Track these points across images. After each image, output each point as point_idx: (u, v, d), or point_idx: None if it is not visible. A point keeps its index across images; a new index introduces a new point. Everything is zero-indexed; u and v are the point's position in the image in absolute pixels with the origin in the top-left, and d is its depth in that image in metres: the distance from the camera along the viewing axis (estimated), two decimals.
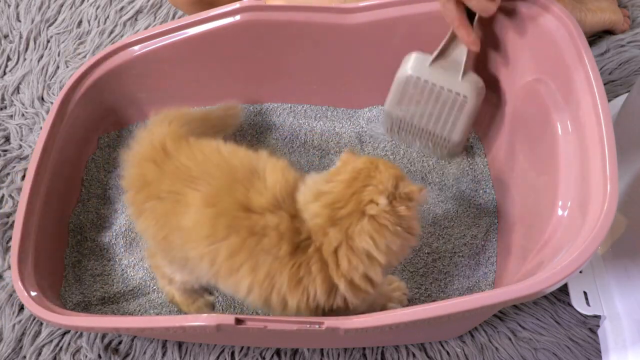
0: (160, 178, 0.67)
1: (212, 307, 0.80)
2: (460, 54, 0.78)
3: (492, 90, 0.87)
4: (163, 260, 0.75)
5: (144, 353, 0.80)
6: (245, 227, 0.60)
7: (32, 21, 1.18)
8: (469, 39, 0.74)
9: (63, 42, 1.15)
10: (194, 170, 0.65)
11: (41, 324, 0.83)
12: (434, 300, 0.78)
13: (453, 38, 0.78)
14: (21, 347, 0.81)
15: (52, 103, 1.01)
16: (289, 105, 0.98)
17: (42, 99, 1.07)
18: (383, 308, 0.73)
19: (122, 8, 1.19)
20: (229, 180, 0.63)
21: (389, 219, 0.60)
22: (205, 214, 0.62)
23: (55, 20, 1.18)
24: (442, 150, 0.87)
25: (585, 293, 0.79)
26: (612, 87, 1.01)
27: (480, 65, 0.85)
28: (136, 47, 0.87)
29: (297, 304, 0.61)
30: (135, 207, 0.69)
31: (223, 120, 0.88)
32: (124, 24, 1.16)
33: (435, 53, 0.79)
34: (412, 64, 0.81)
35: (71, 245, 0.85)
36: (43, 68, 1.11)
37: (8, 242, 0.90)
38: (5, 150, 1.00)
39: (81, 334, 0.81)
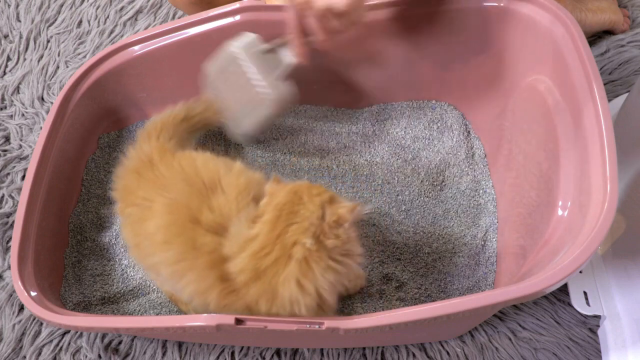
0: (139, 186, 0.69)
1: None
2: (288, 58, 0.80)
3: (493, 90, 0.87)
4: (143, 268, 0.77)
5: (144, 353, 0.80)
6: (190, 238, 0.62)
7: (32, 21, 1.18)
8: (299, 50, 0.76)
9: (63, 42, 1.15)
10: (167, 179, 0.67)
11: (41, 324, 0.83)
12: (434, 300, 0.78)
13: (289, 41, 0.78)
14: (21, 347, 0.81)
15: (52, 103, 1.01)
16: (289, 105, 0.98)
17: (42, 99, 1.07)
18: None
19: (122, 8, 1.19)
20: (191, 190, 0.65)
21: (318, 257, 0.58)
22: (164, 221, 0.64)
23: (55, 20, 1.18)
24: (234, 131, 0.88)
25: (585, 293, 0.79)
26: (612, 87, 1.01)
27: (481, 65, 0.85)
28: (136, 47, 0.87)
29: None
30: (120, 214, 0.72)
31: (205, 116, 0.88)
32: (124, 24, 1.16)
33: (267, 46, 0.80)
34: (242, 43, 0.81)
35: (71, 245, 0.85)
36: (43, 68, 1.11)
37: (8, 242, 0.90)
38: (5, 150, 1.00)
39: (81, 334, 0.81)
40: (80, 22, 1.18)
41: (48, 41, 1.15)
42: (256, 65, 0.80)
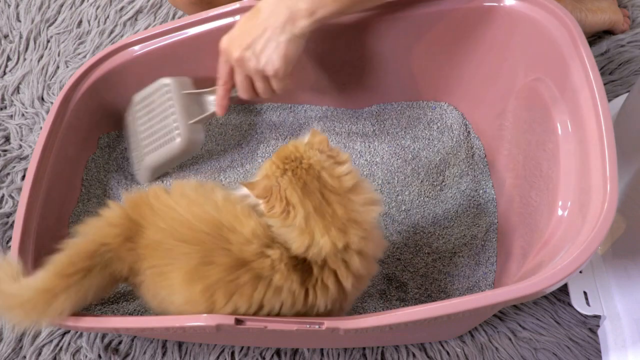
0: (137, 255, 0.63)
1: None
2: (210, 106, 0.85)
3: (493, 90, 0.87)
4: None
5: (144, 353, 0.80)
6: (249, 280, 0.59)
7: (32, 21, 1.18)
8: (220, 101, 0.80)
9: (63, 42, 1.15)
10: (164, 243, 0.62)
11: None
12: (434, 300, 0.78)
13: (215, 91, 0.82)
14: (21, 347, 0.81)
15: (52, 103, 1.01)
16: (289, 105, 0.98)
17: (42, 99, 1.07)
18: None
19: (122, 8, 1.19)
20: (203, 251, 0.60)
21: (356, 172, 0.60)
22: (195, 292, 0.59)
23: (55, 20, 1.18)
24: (136, 163, 0.90)
25: (585, 293, 0.79)
26: (612, 87, 1.01)
27: (481, 65, 0.85)
28: (136, 47, 0.87)
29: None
30: (131, 283, 0.67)
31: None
32: (124, 24, 1.16)
33: (195, 90, 0.86)
34: (175, 80, 0.86)
35: None
36: (43, 68, 1.11)
37: (8, 242, 0.90)
38: (5, 150, 1.00)
39: (81, 334, 0.81)
40: (80, 22, 1.18)
41: (48, 41, 1.15)
42: (180, 105, 0.84)
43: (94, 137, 0.93)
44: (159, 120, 0.86)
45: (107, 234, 0.64)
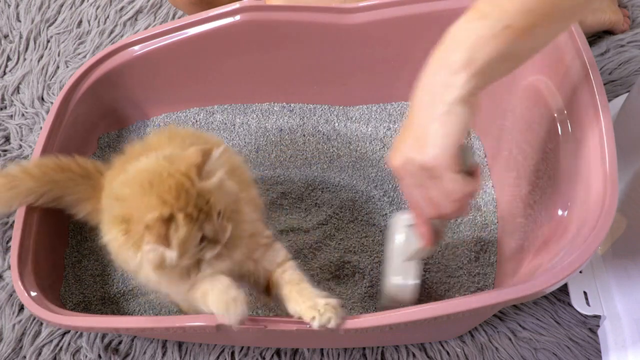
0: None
1: None
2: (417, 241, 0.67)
3: (493, 90, 0.87)
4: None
5: (144, 353, 0.80)
6: None
7: (32, 21, 1.18)
8: (419, 230, 0.63)
9: (63, 42, 1.15)
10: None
11: (41, 324, 0.83)
12: (434, 300, 0.78)
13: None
14: (21, 347, 0.81)
15: (52, 103, 1.01)
16: (289, 105, 0.98)
17: (42, 99, 1.07)
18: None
19: (122, 8, 1.18)
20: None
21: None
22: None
23: (55, 20, 1.18)
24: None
25: (585, 293, 0.79)
26: (612, 87, 1.01)
27: None
28: (136, 47, 0.87)
29: None
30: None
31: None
32: (124, 24, 1.16)
33: (409, 223, 0.69)
34: (407, 217, 0.70)
35: (71, 245, 0.85)
36: (43, 68, 1.11)
37: (8, 242, 0.90)
38: (5, 150, 1.00)
39: (81, 334, 0.81)
40: (80, 22, 1.18)
41: (48, 41, 1.15)
42: (396, 243, 0.71)
43: (94, 137, 0.93)
44: (388, 257, 0.73)
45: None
